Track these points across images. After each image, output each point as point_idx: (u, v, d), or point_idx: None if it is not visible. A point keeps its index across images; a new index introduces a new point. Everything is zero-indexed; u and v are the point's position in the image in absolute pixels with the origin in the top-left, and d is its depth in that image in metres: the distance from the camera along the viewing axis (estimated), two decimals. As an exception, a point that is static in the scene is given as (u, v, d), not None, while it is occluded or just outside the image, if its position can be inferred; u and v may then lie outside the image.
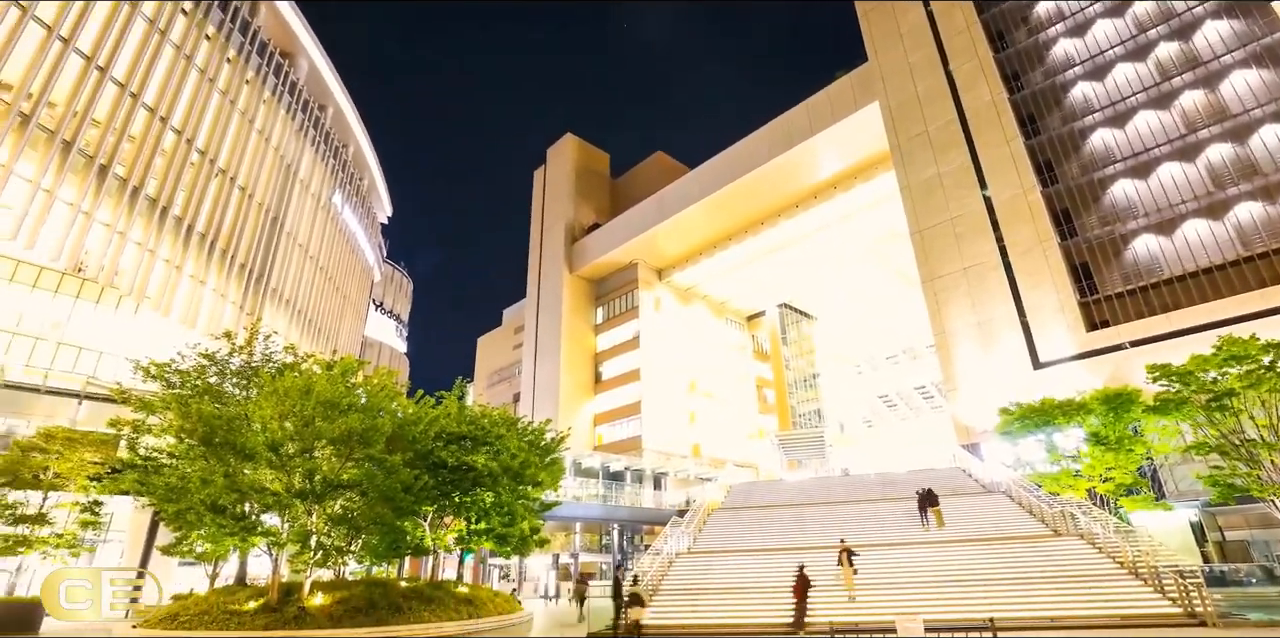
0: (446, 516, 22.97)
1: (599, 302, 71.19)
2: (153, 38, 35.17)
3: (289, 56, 49.03)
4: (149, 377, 21.65)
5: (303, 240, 49.85)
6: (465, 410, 24.79)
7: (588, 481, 42.86)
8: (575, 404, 64.07)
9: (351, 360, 22.05)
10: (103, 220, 32.28)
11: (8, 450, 19.89)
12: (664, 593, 20.49)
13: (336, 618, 15.94)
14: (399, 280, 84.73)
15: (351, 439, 18.01)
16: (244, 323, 36.84)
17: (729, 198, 58.77)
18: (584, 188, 75.98)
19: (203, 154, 38.67)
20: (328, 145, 54.86)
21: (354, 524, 18.80)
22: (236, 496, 17.54)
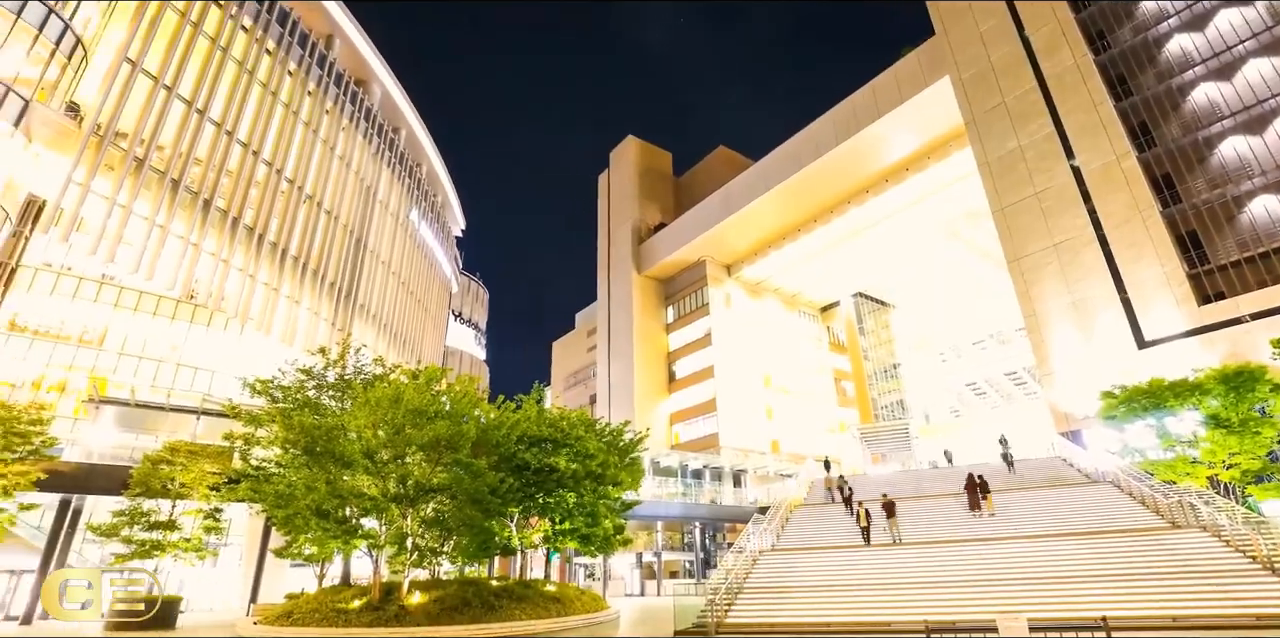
0: (532, 516, 23.64)
1: (669, 301, 71.31)
2: (242, 78, 37.98)
3: (363, 84, 51.70)
4: (255, 392, 23.37)
5: (385, 257, 52.47)
6: (544, 414, 25.40)
7: (666, 479, 43.02)
8: (650, 404, 64.46)
9: (435, 369, 22.96)
10: (209, 250, 35.13)
11: (139, 464, 22.00)
12: (749, 592, 20.32)
13: (434, 616, 16.73)
14: (475, 291, 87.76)
15: (439, 445, 18.84)
16: (336, 338, 39.18)
17: (796, 188, 57.51)
18: (648, 188, 76.30)
19: (291, 182, 41.38)
20: (403, 166, 57.50)
21: (445, 526, 19.65)
22: (338, 501, 18.66)
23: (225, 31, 37.03)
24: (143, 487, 21.05)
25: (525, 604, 18.54)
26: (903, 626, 16.38)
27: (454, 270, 76.07)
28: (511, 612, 17.85)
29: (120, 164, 31.15)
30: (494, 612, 17.51)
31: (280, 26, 41.25)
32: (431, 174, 66.49)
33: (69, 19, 27.66)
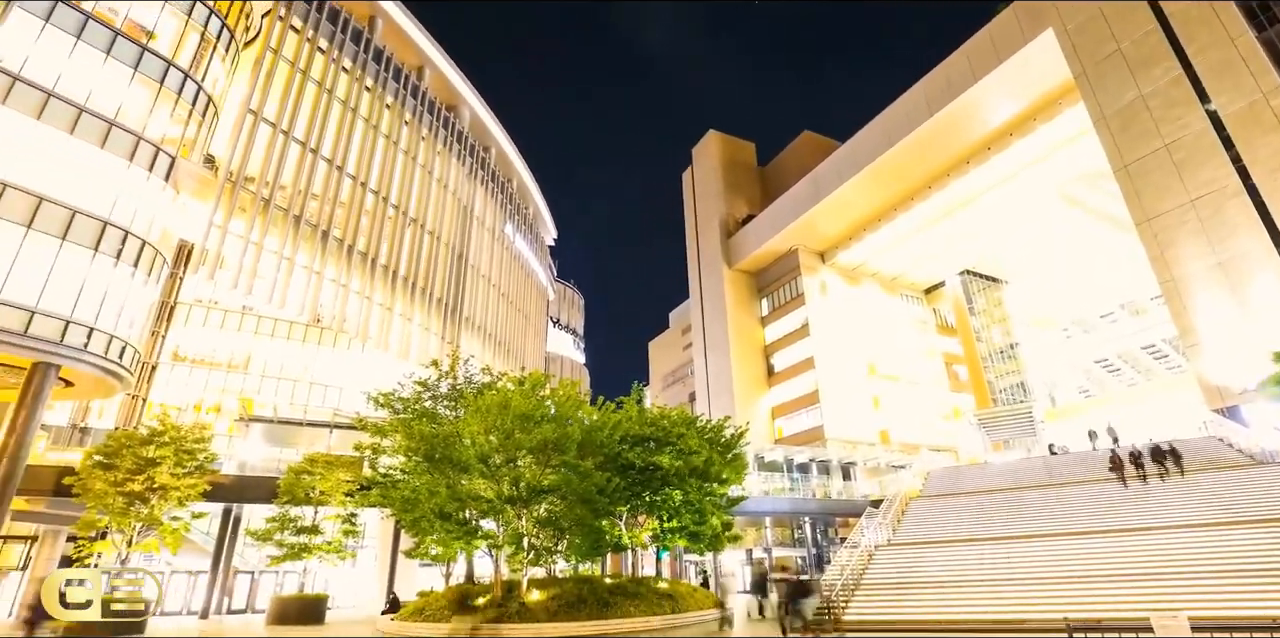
0: (640, 514, 24.01)
1: (762, 293, 70.11)
2: (347, 115, 41.16)
3: (453, 109, 54.47)
4: (378, 405, 25.23)
5: (485, 271, 55.05)
6: (645, 413, 25.72)
7: (772, 475, 42.32)
8: (750, 399, 63.65)
9: (538, 375, 23.79)
10: (330, 277, 38.28)
11: (284, 474, 24.39)
12: (866, 588, 19.72)
13: (553, 612, 17.41)
14: (571, 297, 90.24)
15: (547, 448, 19.54)
16: (446, 350, 41.53)
17: (889, 165, 54.92)
18: (733, 181, 75.44)
19: (396, 208, 44.33)
20: (495, 182, 60.07)
21: (558, 526, 20.37)
22: (458, 504, 19.79)
23: (329, 75, 40.23)
24: (289, 495, 23.37)
25: (639, 601, 18.89)
26: (1039, 623, 15.36)
27: (549, 279, 78.53)
28: (626, 609, 18.24)
29: (251, 205, 34.59)
30: (609, 609, 17.97)
31: (376, 64, 44.29)
32: (522, 188, 69.01)
33: (201, 80, 31.06)
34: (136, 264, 26.37)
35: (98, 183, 25.29)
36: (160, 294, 30.34)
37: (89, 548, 21.19)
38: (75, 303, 23.74)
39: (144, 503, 20.32)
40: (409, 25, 47.57)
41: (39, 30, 24.81)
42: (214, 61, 32.26)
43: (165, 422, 22.29)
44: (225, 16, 33.20)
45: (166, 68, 28.94)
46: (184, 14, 30.50)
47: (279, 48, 37.06)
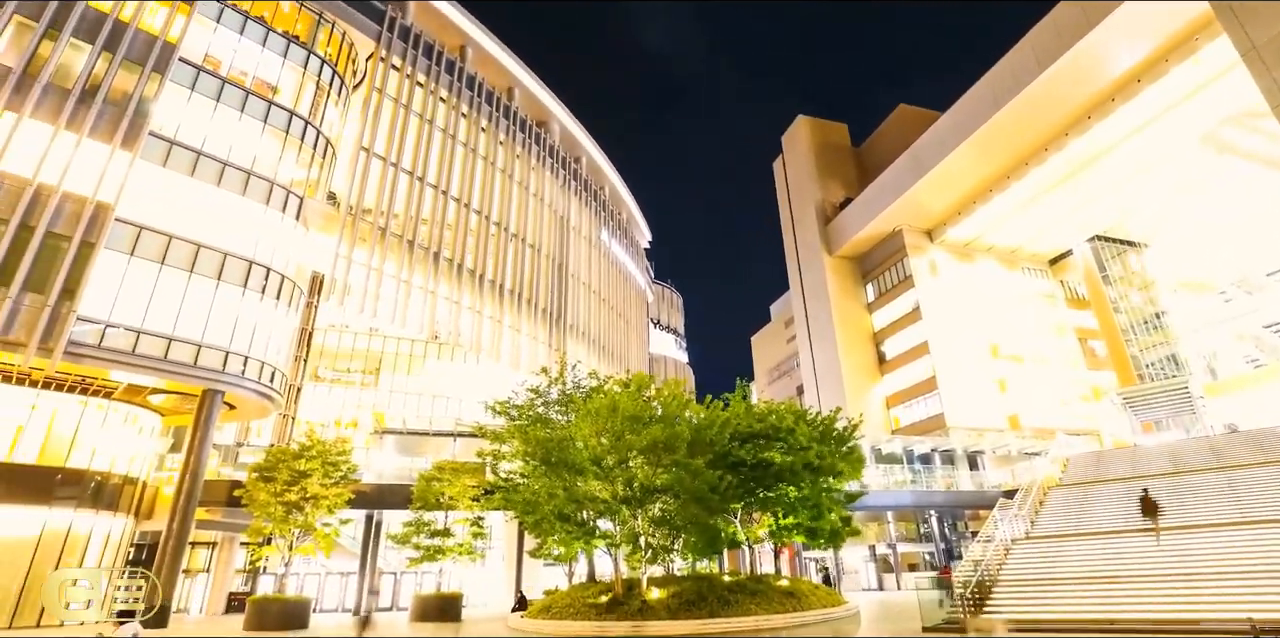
0: (754, 512, 23.85)
1: (866, 279, 67.32)
2: (447, 142, 43.77)
3: (543, 124, 56.40)
4: (495, 413, 26.65)
5: (585, 279, 56.57)
6: (752, 409, 25.53)
7: (891, 467, 40.51)
8: (862, 389, 61.23)
9: (643, 377, 24.24)
10: (443, 295, 40.79)
11: (416, 482, 26.34)
12: (1005, 584, 18.52)
13: (673, 610, 17.65)
14: (669, 297, 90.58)
15: (657, 447, 19.80)
16: (553, 358, 43.08)
17: (997, 131, 51.13)
18: (826, 166, 73.05)
19: (498, 225, 46.55)
20: (588, 191, 61.59)
21: (673, 524, 20.62)
22: (575, 505, 20.52)
23: (429, 106, 42.97)
24: (421, 501, 25.24)
25: (759, 599, 18.78)
26: (1215, 624, 13.83)
27: (647, 281, 79.33)
28: (746, 607, 18.18)
29: (369, 235, 37.56)
30: (729, 607, 17.99)
31: (469, 90, 46.75)
32: (614, 194, 70.25)
33: (319, 125, 34.17)
34: (279, 297, 29.37)
35: (241, 227, 28.41)
36: (299, 322, 33.58)
37: (258, 552, 23.95)
38: (232, 335, 26.81)
39: (300, 511, 22.66)
40: (496, 50, 49.77)
41: (187, 98, 28.25)
42: (328, 106, 35.34)
43: (312, 437, 24.74)
44: (335, 64, 36.32)
45: (290, 117, 32.03)
46: (300, 66, 33.66)
47: (383, 87, 40.00)
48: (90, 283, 23.11)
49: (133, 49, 26.71)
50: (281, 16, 34.53)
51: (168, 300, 25.23)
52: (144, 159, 25.75)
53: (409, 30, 42.29)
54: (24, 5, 24.69)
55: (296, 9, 35.26)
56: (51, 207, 23.05)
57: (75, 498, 24.46)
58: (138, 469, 27.67)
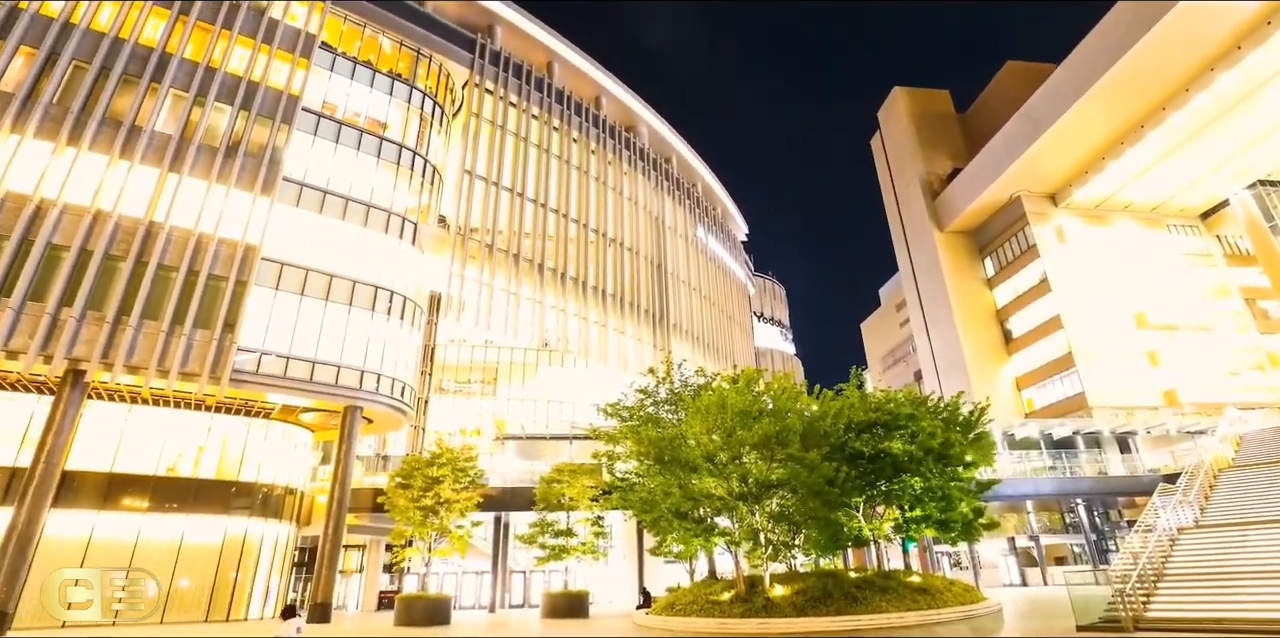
0: (877, 505, 23.02)
1: (984, 253, 62.82)
2: (542, 157, 45.55)
3: (631, 128, 57.25)
4: (607, 415, 27.41)
5: (684, 277, 56.78)
6: (867, 398, 24.70)
7: (1027, 453, 37.44)
8: (987, 371, 57.11)
9: (751, 371, 24.02)
10: (550, 304, 42.41)
11: (537, 484, 27.60)
12: (1172, 579, 16.73)
13: (799, 607, 17.39)
14: (771, 289, 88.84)
15: (770, 442, 19.62)
16: (659, 358, 43.57)
17: (1125, 76, 46.06)
18: (929, 137, 68.97)
19: (596, 232, 47.77)
20: (680, 189, 61.79)
21: (792, 520, 20.33)
22: (692, 503, 20.72)
23: (523, 124, 44.89)
24: (544, 502, 26.45)
25: (889, 596, 18.11)
26: None
27: (747, 274, 78.30)
28: (876, 604, 17.60)
29: (478, 252, 39.76)
30: (857, 604, 17.48)
31: (559, 104, 48.33)
32: (707, 190, 69.97)
33: (426, 154, 36.65)
34: (403, 317, 31.77)
35: (365, 255, 30.99)
36: (422, 339, 36.10)
37: (401, 554, 26.05)
38: (365, 355, 29.31)
39: (435, 514, 24.40)
40: (581, 61, 51.07)
41: (311, 143, 31.22)
42: (432, 136, 37.83)
43: (441, 446, 26.57)
44: (435, 95, 38.81)
45: (399, 150, 34.60)
46: (405, 101, 36.28)
47: (479, 111, 42.22)
48: (245, 316, 26.10)
49: (264, 105, 29.89)
50: (384, 57, 37.31)
51: (309, 327, 28.00)
52: (280, 202, 28.74)
53: (498, 54, 44.33)
54: (178, 78, 28.29)
55: (397, 48, 37.97)
56: (210, 252, 26.25)
57: (248, 508, 27.74)
58: (296, 481, 30.93)
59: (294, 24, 32.72)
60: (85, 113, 25.91)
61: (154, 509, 25.62)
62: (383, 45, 37.54)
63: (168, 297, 24.96)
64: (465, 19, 43.63)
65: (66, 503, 23.54)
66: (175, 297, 25.06)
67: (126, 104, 26.95)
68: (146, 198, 25.89)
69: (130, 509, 25.27)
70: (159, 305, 24.77)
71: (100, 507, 24.68)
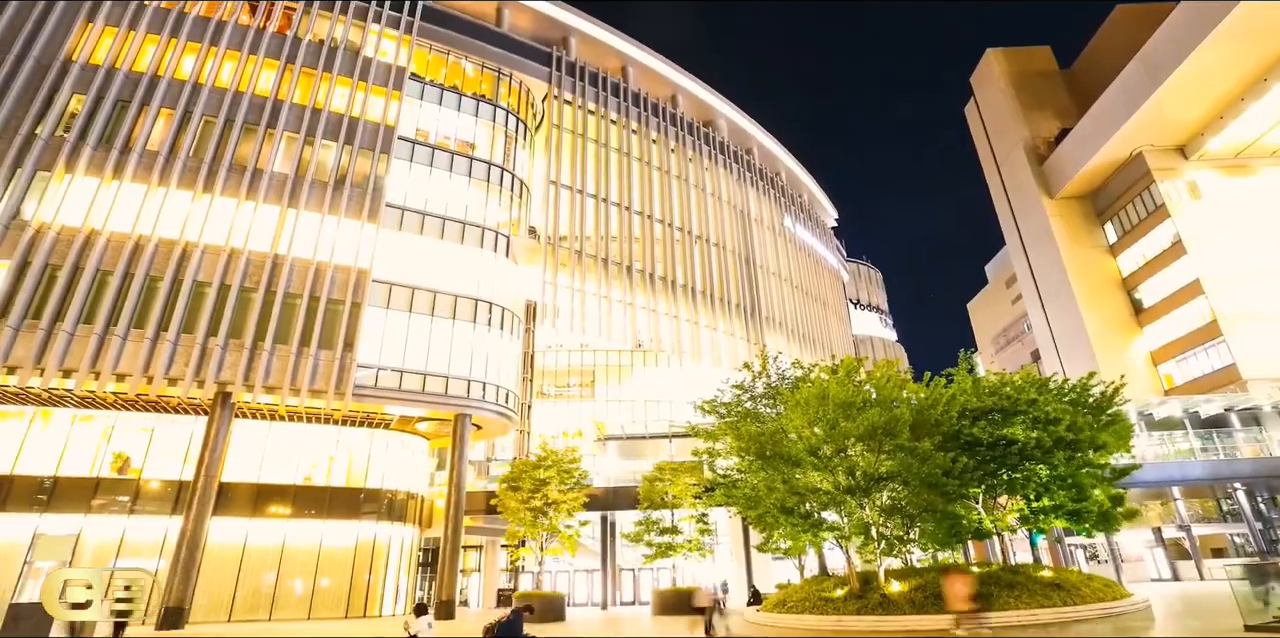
0: (999, 495, 21.70)
1: (1103, 218, 57.46)
2: (623, 161, 46.25)
3: (710, 123, 56.96)
4: (705, 412, 27.45)
5: (774, 269, 55.80)
6: (980, 382, 23.36)
7: (1170, 434, 33.70)
8: (1115, 346, 52.10)
9: (850, 360, 23.29)
10: (641, 305, 42.95)
11: (638, 483, 28.04)
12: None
13: (918, 605, 16.69)
14: (867, 274, 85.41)
15: (876, 433, 18.93)
16: (754, 352, 43.05)
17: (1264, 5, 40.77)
18: (1030, 98, 63.98)
19: (681, 230, 47.90)
20: (763, 179, 60.77)
21: (905, 513, 19.57)
22: (797, 497, 20.36)
23: (602, 131, 45.77)
24: (648, 500, 26.86)
25: (1017, 592, 17.02)
26: None
27: (839, 260, 75.78)
28: (1003, 601, 16.58)
29: (568, 259, 40.92)
30: (983, 600, 16.55)
31: (636, 106, 48.85)
32: (791, 178, 68.39)
33: (513, 170, 38.18)
34: (503, 327, 33.22)
35: (463, 270, 32.64)
36: (522, 346, 37.56)
37: (515, 553, 27.26)
38: (470, 365, 30.88)
39: (544, 515, 25.37)
40: (654, 62, 51.36)
41: (408, 169, 33.28)
42: (517, 150, 39.33)
43: (546, 449, 27.58)
44: (517, 111, 40.35)
45: (488, 168, 36.22)
46: (490, 121, 37.95)
47: (559, 122, 43.47)
48: (362, 335, 28.21)
49: (364, 138, 32.23)
50: (468, 80, 39.18)
51: (418, 341, 29.86)
52: (384, 227, 30.84)
53: (574, 64, 45.41)
54: (290, 121, 31.01)
55: (479, 70, 39.78)
56: (327, 278, 28.59)
57: (375, 513, 29.95)
58: (416, 486, 33.07)
59: (385, 59, 35.04)
60: (216, 161, 28.95)
61: (296, 516, 28.29)
62: (465, 69, 39.39)
63: (294, 321, 27.41)
64: (540, 34, 45.01)
65: (224, 511, 26.32)
66: (301, 321, 27.47)
67: (249, 150, 29.86)
68: (270, 233, 28.59)
69: (276, 516, 28.00)
70: (288, 330, 27.25)
71: (251, 514, 27.47)
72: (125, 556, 25.22)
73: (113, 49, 29.45)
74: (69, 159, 26.65)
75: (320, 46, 33.57)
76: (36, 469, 25.49)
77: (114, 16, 30.13)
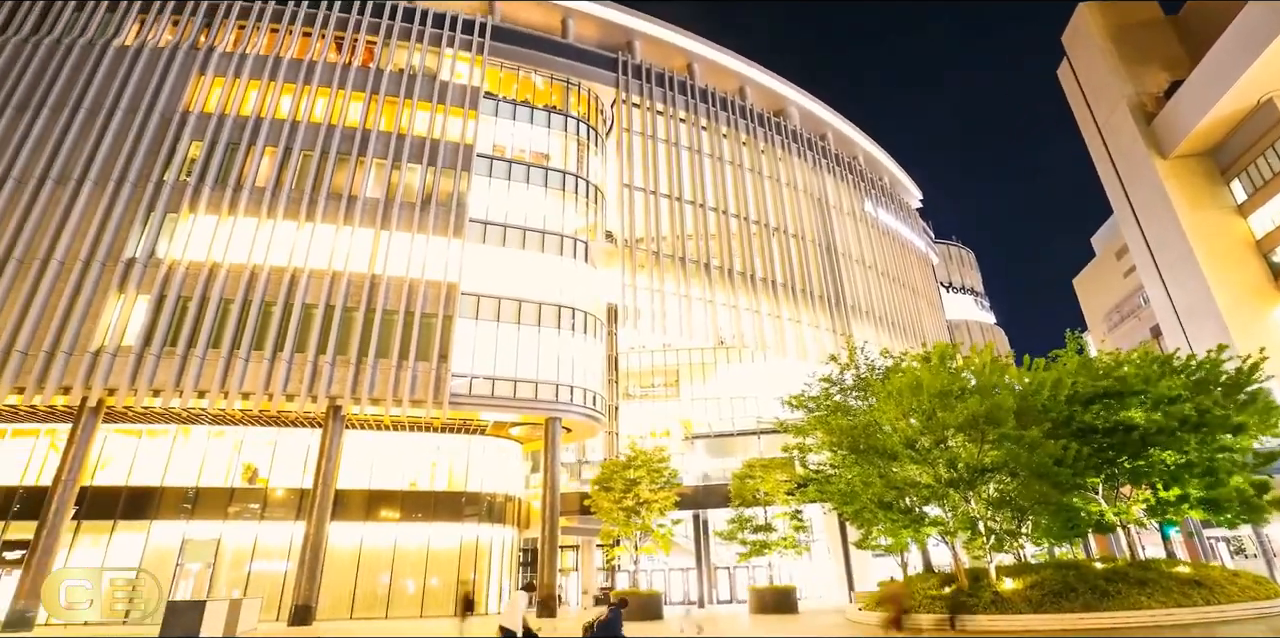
0: (1121, 485, 20.08)
1: (1227, 175, 51.70)
2: (695, 158, 46.21)
3: (780, 113, 55.91)
4: (792, 407, 26.95)
5: (856, 256, 53.99)
6: (1091, 363, 21.75)
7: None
8: (1251, 316, 46.62)
9: (944, 347, 22.32)
10: (721, 302, 42.68)
11: (729, 481, 27.86)
12: None
13: (1035, 603, 15.70)
14: (958, 255, 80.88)
15: (978, 422, 18.04)
16: (840, 343, 41.82)
17: None
18: (1133, 52, 58.64)
19: (758, 223, 47.27)
20: (840, 164, 58.99)
21: (1015, 506, 18.51)
22: (895, 492, 19.65)
23: (672, 130, 45.84)
24: (739, 498, 26.67)
25: (1150, 590, 15.67)
26: None
27: (927, 243, 72.22)
28: (1134, 599, 15.32)
29: (646, 261, 41.27)
30: (1109, 599, 15.35)
31: (704, 102, 48.64)
32: (870, 160, 65.96)
33: (587, 176, 38.99)
34: (586, 331, 33.95)
35: (545, 278, 33.61)
36: (605, 349, 38.22)
37: (610, 552, 27.75)
38: (557, 369, 31.73)
39: (637, 514, 25.70)
40: (720, 56, 50.95)
41: (487, 184, 34.66)
42: (590, 157, 40.14)
43: (634, 449, 27.93)
44: (588, 119, 41.20)
45: (563, 177, 37.20)
46: (562, 131, 38.99)
47: (629, 126, 43.95)
48: (454, 345, 29.60)
49: (445, 158, 33.88)
50: (539, 93, 40.40)
51: (506, 349, 31.00)
52: (469, 241, 32.25)
53: (639, 67, 45.80)
54: (378, 148, 33.03)
55: (548, 82, 40.94)
56: (420, 294, 30.21)
57: (476, 515, 31.32)
58: (513, 489, 34.35)
59: (460, 81, 36.67)
60: (315, 191, 31.24)
61: (404, 519, 30.06)
62: (535, 83, 40.59)
63: (393, 336, 29.15)
64: (605, 40, 45.67)
65: (341, 516, 28.31)
66: (399, 335, 29.17)
67: (343, 178, 32.04)
68: (367, 254, 30.54)
69: (387, 520, 29.85)
70: (387, 344, 29.00)
71: (365, 518, 29.44)
72: (259, 558, 27.72)
73: (222, 97, 32.43)
74: (191, 200, 29.55)
75: (400, 75, 35.54)
76: (182, 481, 28.41)
77: (221, 67, 33.16)
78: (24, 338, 25.75)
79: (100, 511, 26.92)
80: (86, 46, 32.67)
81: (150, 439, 29.12)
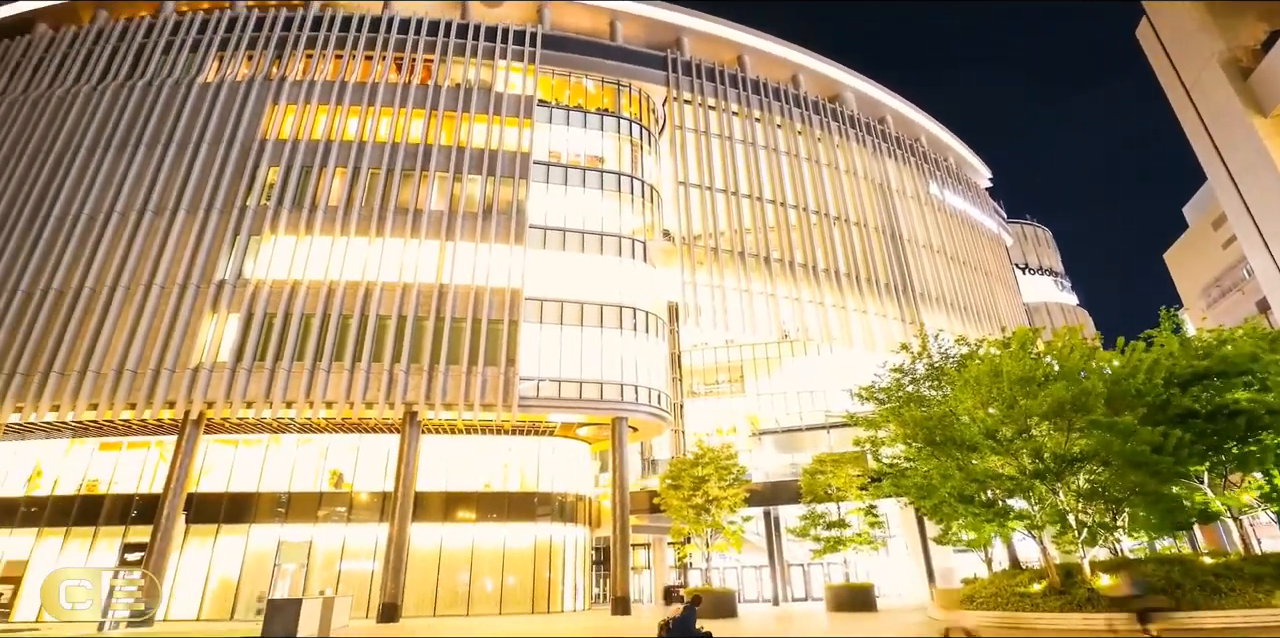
0: (1230, 472, 18.58)
1: (1344, 132, 46.95)
2: (749, 151, 45.60)
3: (835, 98, 54.49)
4: (863, 399, 26.24)
5: (924, 241, 51.99)
6: (1189, 343, 20.25)
7: None
8: (1381, 284, 42.10)
9: (1024, 331, 21.30)
10: (783, 295, 41.98)
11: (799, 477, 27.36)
12: None
13: (1135, 599, 14.74)
14: (1034, 235, 76.55)
15: (1064, 409, 17.13)
16: (910, 331, 40.43)
17: None
18: (1220, 2, 54.15)
19: (818, 213, 46.22)
20: (900, 147, 56.98)
21: (1109, 497, 17.44)
22: (976, 485, 18.84)
23: (724, 124, 45.29)
24: (811, 494, 26.15)
25: (1268, 585, 14.44)
26: None
27: (999, 223, 68.73)
28: (1250, 596, 14.13)
29: (704, 257, 41.07)
30: (1219, 596, 14.25)
31: (756, 94, 47.74)
32: (933, 140, 63.38)
33: (642, 177, 39.22)
34: (648, 330, 34.14)
35: (606, 280, 33.99)
36: (668, 348, 38.29)
37: (682, 550, 27.75)
38: (621, 369, 32.03)
39: (706, 512, 25.62)
40: (770, 46, 50.08)
41: (544, 190, 35.38)
42: (644, 157, 40.37)
43: (702, 446, 27.86)
44: (640, 119, 41.43)
45: (619, 178, 37.56)
46: (615, 133, 39.39)
47: (681, 123, 43.85)
48: (521, 349, 30.35)
49: (503, 168, 34.85)
50: (590, 97, 40.94)
51: (571, 351, 31.53)
52: (530, 247, 33.01)
53: (689, 63, 45.60)
54: (439, 162, 34.25)
55: (599, 85, 41.44)
56: (486, 301, 31.14)
57: (549, 515, 31.94)
58: (583, 488, 34.83)
59: (514, 91, 37.62)
60: (383, 207, 32.69)
61: (480, 520, 30.97)
62: (587, 87, 41.11)
63: (462, 343, 30.16)
64: (653, 39, 45.74)
65: (421, 518, 29.41)
66: (467, 342, 30.17)
67: (409, 193, 33.41)
68: (434, 265, 31.74)
69: (464, 521, 30.85)
70: (457, 351, 30.03)
71: (443, 520, 30.52)
72: (347, 559, 29.23)
73: (295, 123, 34.42)
74: (272, 222, 31.49)
75: (457, 90, 36.73)
76: (275, 487, 30.28)
77: (293, 95, 35.17)
78: (133, 358, 28.10)
79: (205, 515, 29.11)
80: (174, 86, 35.32)
81: (246, 448, 31.16)
